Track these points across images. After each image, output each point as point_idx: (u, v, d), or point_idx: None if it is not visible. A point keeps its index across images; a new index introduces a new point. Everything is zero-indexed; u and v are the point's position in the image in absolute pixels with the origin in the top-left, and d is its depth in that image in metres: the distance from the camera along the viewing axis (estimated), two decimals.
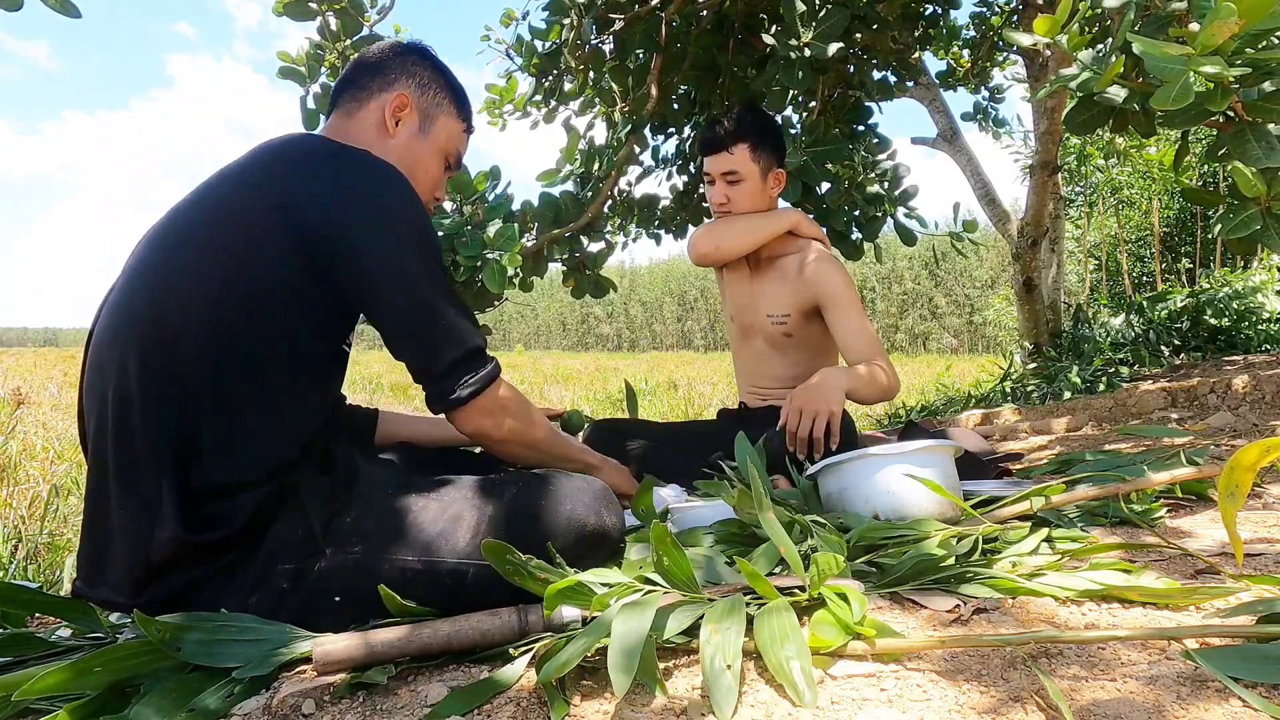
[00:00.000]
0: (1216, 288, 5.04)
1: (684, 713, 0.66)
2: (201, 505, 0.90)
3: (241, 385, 0.93)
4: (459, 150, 1.25)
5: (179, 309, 0.93)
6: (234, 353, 0.93)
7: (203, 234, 0.97)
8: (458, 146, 1.24)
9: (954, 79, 4.77)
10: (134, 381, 0.92)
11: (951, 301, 24.84)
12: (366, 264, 0.97)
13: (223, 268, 0.94)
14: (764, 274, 1.97)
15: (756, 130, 1.88)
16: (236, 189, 0.99)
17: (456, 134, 1.24)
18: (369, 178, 1.00)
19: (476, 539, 0.92)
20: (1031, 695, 0.66)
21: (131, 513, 0.90)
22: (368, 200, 0.98)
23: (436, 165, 1.21)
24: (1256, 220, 1.29)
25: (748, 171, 1.88)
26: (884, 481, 1.18)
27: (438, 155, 1.21)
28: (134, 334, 0.93)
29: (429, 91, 1.20)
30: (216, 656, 0.78)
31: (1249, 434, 2.05)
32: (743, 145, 1.86)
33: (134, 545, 0.89)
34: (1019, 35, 1.51)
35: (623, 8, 2.66)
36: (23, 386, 5.42)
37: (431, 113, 1.20)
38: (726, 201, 1.91)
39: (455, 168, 1.27)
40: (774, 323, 1.95)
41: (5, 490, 2.60)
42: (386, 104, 1.15)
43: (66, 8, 1.48)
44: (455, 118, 1.23)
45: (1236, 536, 0.82)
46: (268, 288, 0.94)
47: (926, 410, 4.70)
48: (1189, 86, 1.14)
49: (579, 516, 0.97)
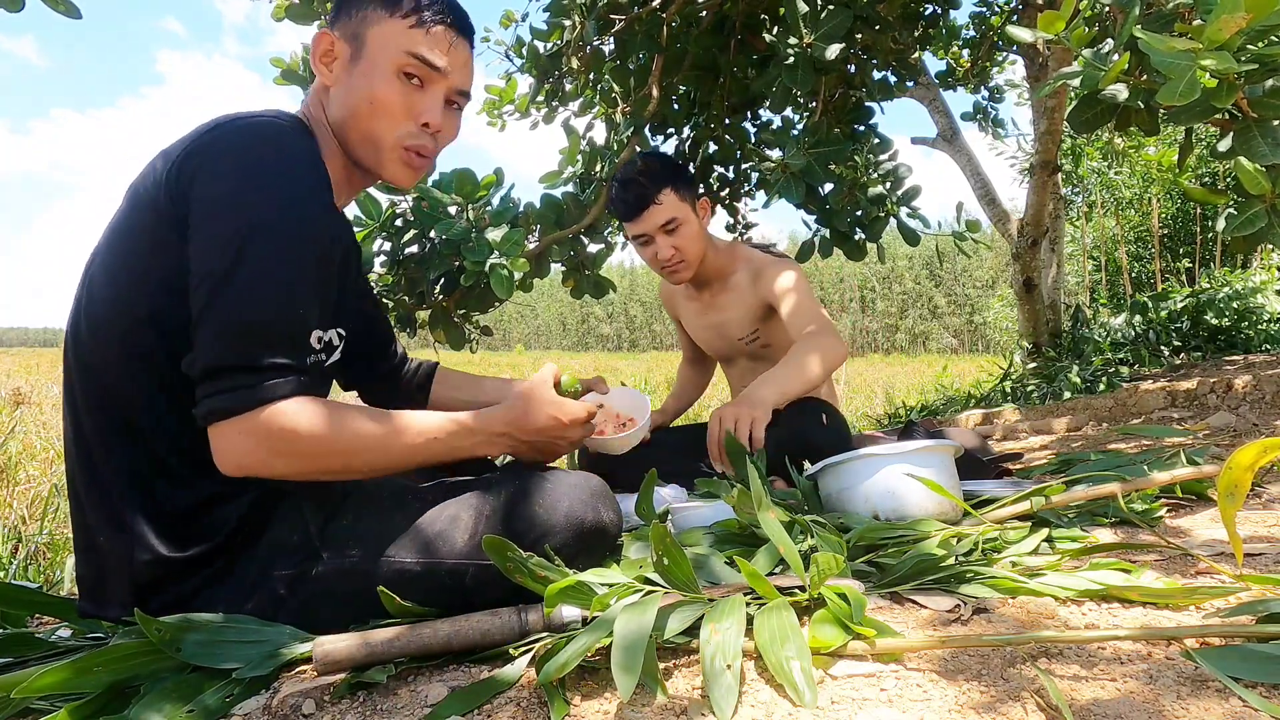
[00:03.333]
0: (1217, 288, 5.04)
1: (684, 713, 0.66)
2: (179, 524, 0.89)
3: (172, 396, 0.88)
4: (416, 52, 0.97)
5: (91, 328, 0.89)
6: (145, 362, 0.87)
7: (111, 229, 0.92)
8: (410, 48, 0.96)
9: (954, 79, 4.78)
10: (82, 412, 0.91)
11: (952, 301, 24.81)
12: (193, 218, 0.84)
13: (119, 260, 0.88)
14: (717, 301, 2.00)
15: (671, 171, 1.83)
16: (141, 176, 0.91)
17: (398, 34, 0.96)
18: (234, 130, 0.88)
19: (475, 539, 0.92)
20: (1031, 695, 0.66)
21: (109, 537, 0.89)
22: (222, 150, 0.86)
23: (392, 88, 0.97)
24: (1262, 218, 1.29)
25: (683, 213, 1.82)
26: (884, 481, 1.18)
27: (387, 74, 0.97)
28: (71, 360, 0.92)
29: (348, 10, 0.99)
30: (217, 657, 0.78)
31: (1249, 434, 2.05)
32: (667, 190, 1.80)
33: (120, 567, 0.88)
34: (1020, 31, 1.51)
35: (623, 8, 2.66)
36: (23, 387, 5.42)
37: (358, 31, 0.98)
38: (675, 253, 1.83)
39: (439, 71, 0.99)
40: (746, 342, 2.00)
41: (5, 490, 2.60)
42: (314, 57, 1.00)
43: (69, 9, 1.48)
44: (389, 16, 0.97)
45: (1236, 536, 0.83)
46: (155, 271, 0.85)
47: (926, 410, 4.70)
48: (1194, 82, 1.13)
49: (577, 514, 0.96)
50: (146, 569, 0.87)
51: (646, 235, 1.83)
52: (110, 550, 0.89)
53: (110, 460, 0.89)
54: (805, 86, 2.22)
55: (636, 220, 1.82)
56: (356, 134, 1.00)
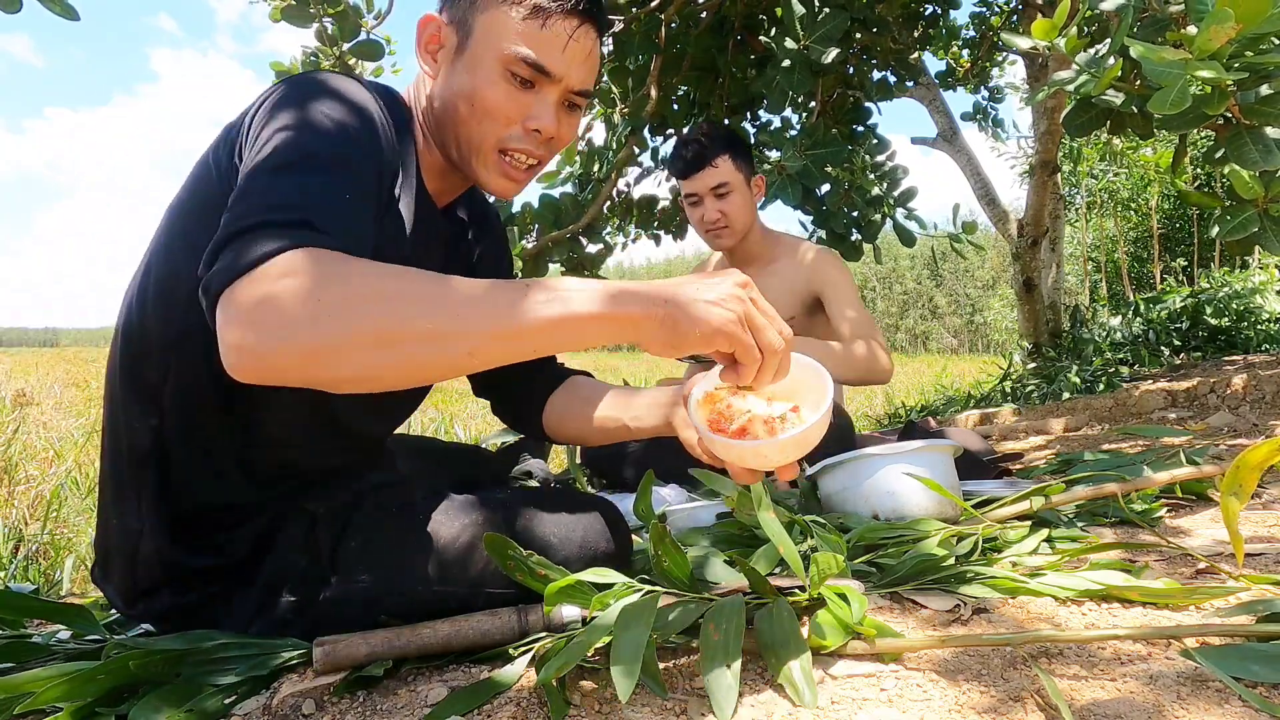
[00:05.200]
0: (1216, 288, 5.04)
1: (684, 713, 0.66)
2: (189, 527, 0.88)
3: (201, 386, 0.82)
4: (526, 54, 0.84)
5: (140, 298, 0.84)
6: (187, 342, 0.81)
7: (169, 208, 0.88)
8: (520, 46, 0.83)
9: (954, 79, 4.78)
10: (116, 387, 0.88)
11: (952, 301, 24.84)
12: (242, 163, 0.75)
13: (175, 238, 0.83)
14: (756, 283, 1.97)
15: (733, 140, 1.88)
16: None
17: (509, 27, 0.84)
18: (296, 80, 0.81)
19: (488, 567, 0.88)
20: (1031, 695, 0.66)
21: (121, 525, 0.88)
22: (280, 96, 0.78)
23: (496, 90, 0.85)
24: (1254, 222, 1.30)
25: (736, 181, 1.86)
26: (884, 481, 1.18)
27: (494, 69, 0.85)
28: (116, 338, 0.90)
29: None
30: (217, 675, 0.78)
31: (1249, 434, 2.05)
32: (725, 156, 1.84)
33: (125, 557, 0.88)
34: (1017, 38, 1.51)
35: (622, 9, 2.66)
36: (25, 388, 5.42)
37: (467, 18, 0.86)
38: (720, 218, 1.86)
39: (551, 76, 0.86)
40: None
41: (6, 490, 2.60)
42: (419, 45, 0.90)
43: (66, 10, 1.48)
44: (502, 3, 0.84)
45: (1238, 535, 0.82)
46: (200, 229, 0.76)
47: (926, 410, 4.70)
48: (1186, 90, 1.14)
49: (591, 543, 0.93)
50: (148, 566, 0.87)
51: (697, 195, 1.87)
52: (119, 537, 0.88)
53: (133, 444, 0.87)
54: (802, 88, 2.22)
55: (690, 178, 1.86)
56: (453, 134, 0.89)
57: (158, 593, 0.88)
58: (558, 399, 1.11)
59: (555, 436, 1.13)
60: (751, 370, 0.71)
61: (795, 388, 0.79)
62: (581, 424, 1.07)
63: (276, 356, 0.60)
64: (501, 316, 0.64)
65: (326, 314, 0.60)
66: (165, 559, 0.87)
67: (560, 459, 2.52)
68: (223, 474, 0.87)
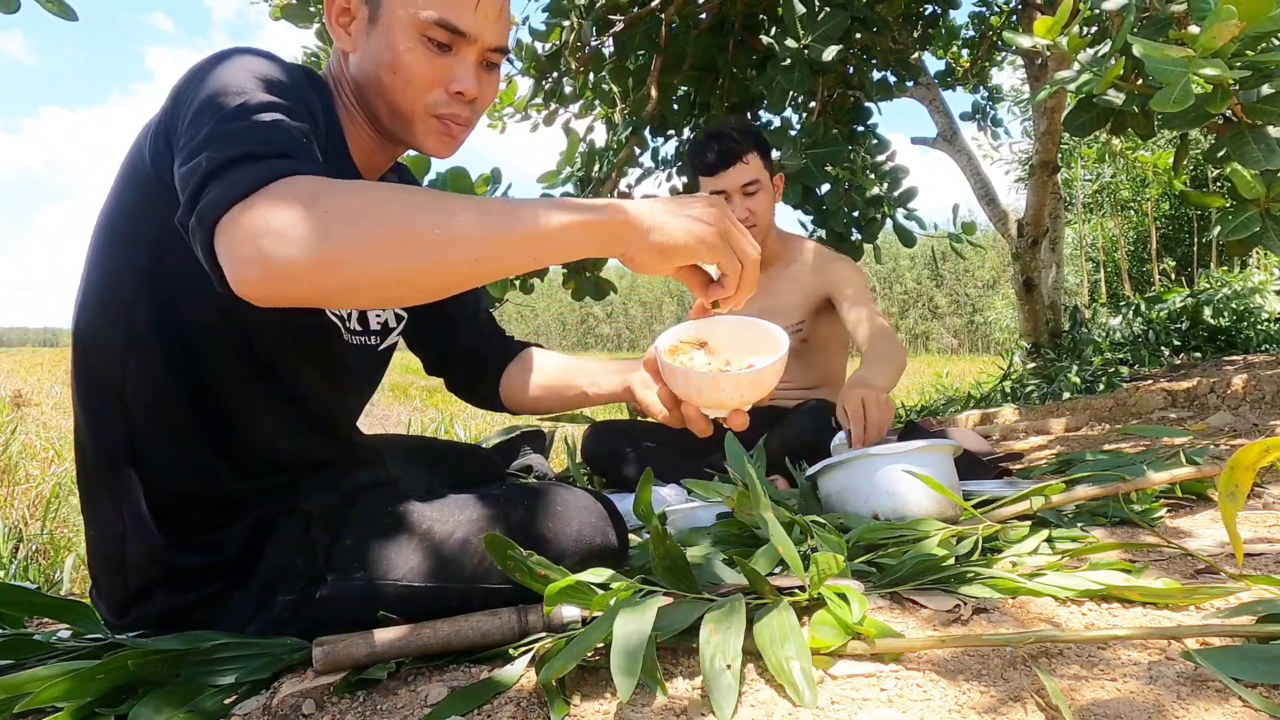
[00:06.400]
0: (1216, 288, 5.05)
1: (684, 713, 0.66)
2: (178, 524, 0.88)
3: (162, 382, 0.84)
4: (437, 16, 0.84)
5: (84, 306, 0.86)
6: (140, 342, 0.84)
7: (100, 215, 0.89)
8: (434, 9, 0.84)
9: (953, 79, 4.78)
10: (78, 394, 0.89)
11: (952, 301, 24.84)
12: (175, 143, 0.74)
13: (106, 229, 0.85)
14: (769, 285, 1.94)
15: (759, 137, 1.86)
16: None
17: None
18: (214, 55, 0.81)
19: (485, 563, 0.89)
20: (1031, 695, 0.66)
21: (100, 534, 0.88)
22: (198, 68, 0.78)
23: (414, 51, 0.85)
24: (1256, 222, 1.29)
25: (764, 180, 1.83)
26: (884, 481, 1.18)
27: (409, 35, 0.85)
28: (74, 346, 0.90)
29: None
30: (216, 676, 0.78)
31: (1249, 434, 2.05)
32: (754, 153, 1.81)
33: (113, 564, 0.88)
34: (1018, 37, 1.51)
35: (622, 9, 2.66)
36: (24, 388, 5.42)
37: None
38: (749, 215, 1.82)
39: (465, 36, 0.86)
40: (790, 332, 1.95)
41: (6, 490, 2.60)
42: (329, 18, 0.89)
43: (63, 9, 1.48)
44: None
45: (1237, 536, 0.82)
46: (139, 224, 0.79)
47: (926, 410, 4.70)
48: (1189, 89, 1.14)
49: (586, 537, 0.94)
50: (136, 572, 0.87)
51: (725, 193, 1.80)
52: (100, 549, 0.89)
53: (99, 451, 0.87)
54: (802, 88, 2.23)
55: (720, 175, 1.79)
56: (381, 105, 0.90)
57: (151, 595, 0.88)
58: (514, 370, 1.15)
59: (515, 408, 1.17)
60: (734, 280, 0.77)
61: (752, 347, 0.88)
62: (540, 393, 1.11)
63: (291, 268, 0.61)
64: (504, 225, 0.67)
65: (337, 223, 0.62)
66: (157, 558, 0.87)
67: (560, 459, 2.52)
68: (203, 466, 0.88)
